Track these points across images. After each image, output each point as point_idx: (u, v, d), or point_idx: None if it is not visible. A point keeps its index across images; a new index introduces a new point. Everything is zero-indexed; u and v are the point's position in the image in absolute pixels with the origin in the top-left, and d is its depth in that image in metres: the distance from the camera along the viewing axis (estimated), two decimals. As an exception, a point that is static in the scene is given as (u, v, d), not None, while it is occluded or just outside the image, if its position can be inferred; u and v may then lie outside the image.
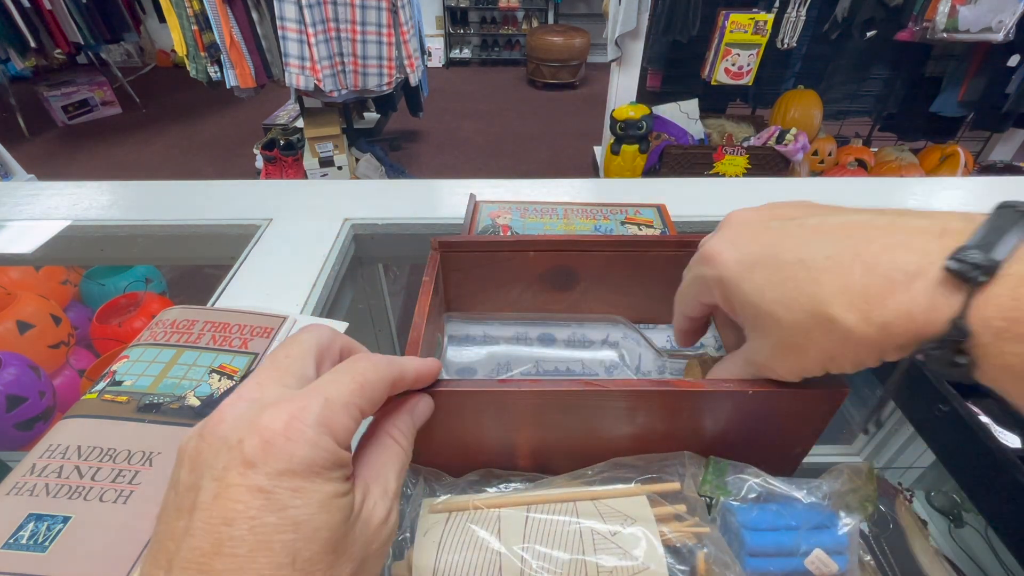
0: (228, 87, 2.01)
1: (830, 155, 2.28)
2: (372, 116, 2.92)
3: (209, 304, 0.48)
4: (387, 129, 3.04)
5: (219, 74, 1.98)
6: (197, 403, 0.35)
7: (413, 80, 2.16)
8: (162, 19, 2.19)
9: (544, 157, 2.95)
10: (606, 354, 0.38)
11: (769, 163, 2.16)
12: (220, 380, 0.37)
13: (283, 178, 2.34)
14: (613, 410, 0.28)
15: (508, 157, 2.96)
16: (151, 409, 0.34)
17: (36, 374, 0.97)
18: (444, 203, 0.65)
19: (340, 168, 2.40)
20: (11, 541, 0.27)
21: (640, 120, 2.06)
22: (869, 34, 1.94)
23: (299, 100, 2.33)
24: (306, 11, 1.80)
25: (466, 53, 4.40)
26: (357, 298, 0.68)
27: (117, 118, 3.31)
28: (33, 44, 2.62)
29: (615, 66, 2.23)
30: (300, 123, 2.52)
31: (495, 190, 0.66)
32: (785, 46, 2.03)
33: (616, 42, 2.09)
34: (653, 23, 2.06)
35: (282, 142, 2.38)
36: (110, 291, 1.25)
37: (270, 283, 0.52)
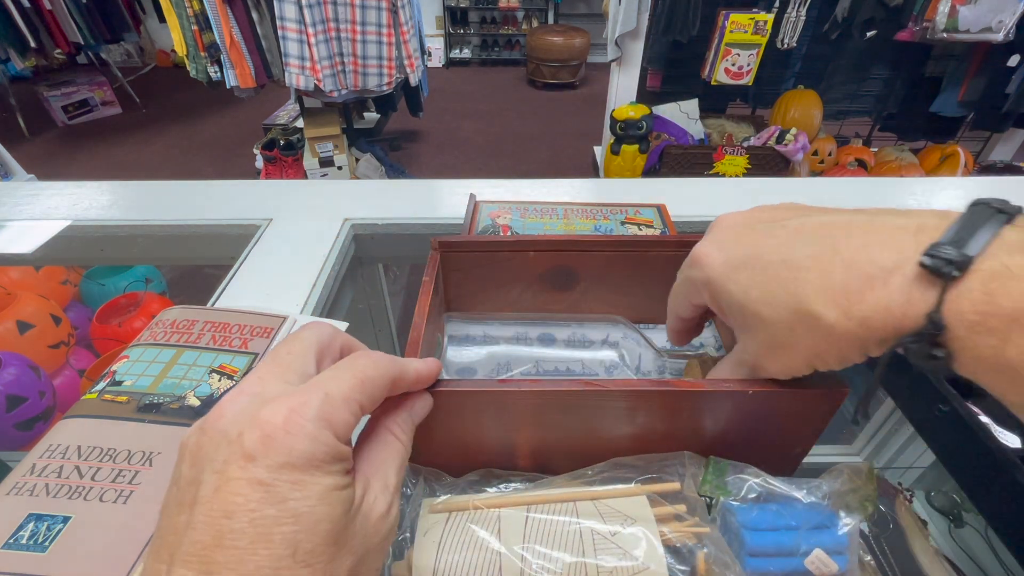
0: (228, 87, 2.01)
1: (830, 155, 2.28)
2: (372, 116, 2.92)
3: (209, 304, 0.48)
4: (387, 129, 3.05)
5: (219, 74, 1.98)
6: (197, 403, 0.35)
7: (413, 80, 2.16)
8: (162, 19, 2.20)
9: (544, 157, 2.95)
10: (606, 354, 0.38)
11: (769, 163, 2.16)
12: (220, 380, 0.37)
13: (283, 178, 2.34)
14: (613, 410, 0.28)
15: (508, 157, 2.96)
16: (151, 409, 0.34)
17: (36, 374, 0.97)
18: (444, 203, 0.65)
19: (340, 168, 2.41)
20: (11, 541, 0.27)
21: (640, 120, 2.06)
22: (869, 34, 1.94)
23: (299, 100, 2.33)
24: (306, 11, 1.80)
25: (466, 53, 4.40)
26: (357, 298, 0.68)
27: (117, 118, 3.31)
28: (33, 44, 2.62)
29: (615, 66, 2.23)
30: (300, 123, 2.52)
31: (495, 190, 0.66)
32: (785, 46, 2.03)
33: (616, 42, 2.09)
34: (653, 23, 2.06)
35: (282, 142, 2.38)
36: (110, 291, 1.25)
37: (270, 283, 0.52)
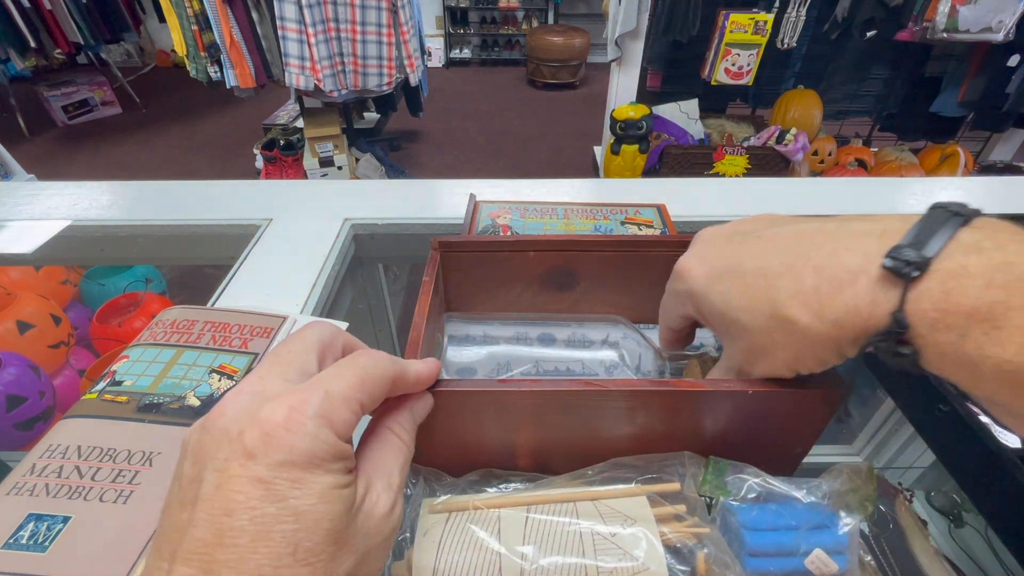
0: (228, 87, 2.01)
1: (830, 155, 2.28)
2: (372, 116, 2.92)
3: (209, 304, 0.48)
4: (387, 129, 3.04)
5: (219, 74, 1.98)
6: (197, 403, 0.35)
7: (413, 80, 2.16)
8: (162, 19, 2.20)
9: (544, 157, 2.94)
10: (606, 354, 0.38)
11: (769, 163, 2.16)
12: (220, 380, 0.37)
13: (283, 178, 2.34)
14: (613, 410, 0.28)
15: (508, 157, 2.96)
16: (151, 409, 0.34)
17: (36, 374, 0.97)
18: (444, 203, 0.65)
19: (340, 168, 2.40)
20: (11, 541, 0.27)
21: (640, 120, 2.06)
22: (869, 34, 1.94)
23: (299, 100, 2.33)
24: (306, 11, 1.80)
25: (466, 53, 4.40)
26: (357, 298, 0.68)
27: (117, 118, 3.31)
28: (33, 44, 2.62)
29: (615, 66, 2.23)
30: (300, 123, 2.52)
31: (495, 190, 0.66)
32: (785, 46, 2.03)
33: (616, 42, 2.09)
34: (653, 23, 2.06)
35: (282, 142, 2.38)
36: (110, 291, 1.25)
37: (270, 283, 0.52)
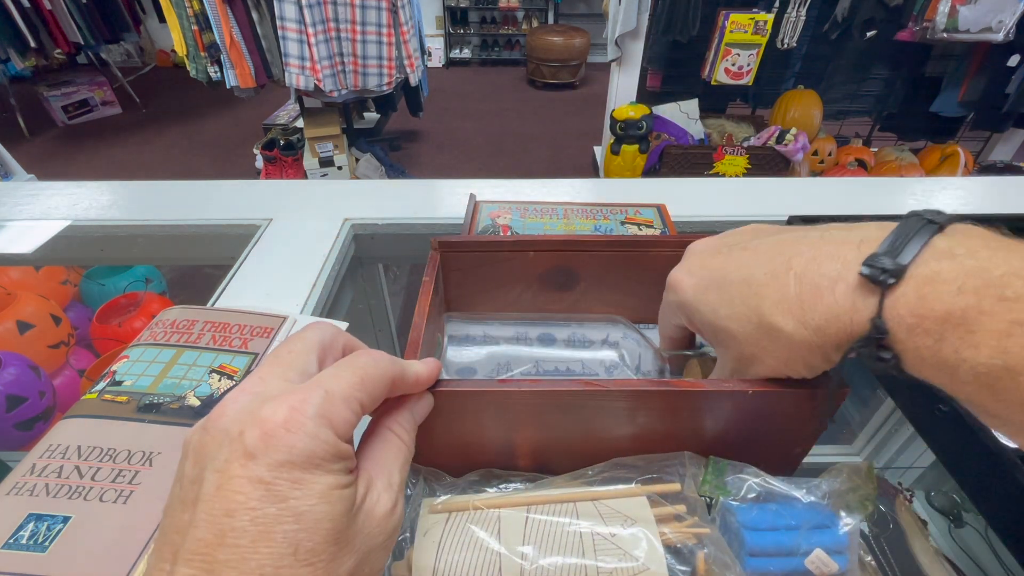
0: (228, 87, 2.01)
1: (830, 155, 2.28)
2: (372, 116, 2.92)
3: (209, 304, 0.48)
4: (387, 129, 3.04)
5: (219, 74, 1.98)
6: (197, 403, 0.35)
7: (413, 80, 2.16)
8: (162, 19, 2.20)
9: (544, 157, 2.94)
10: (606, 354, 0.38)
11: (769, 163, 2.16)
12: (220, 380, 0.37)
13: (283, 178, 2.34)
14: (613, 410, 0.28)
15: (508, 157, 2.96)
16: (151, 409, 0.34)
17: (36, 374, 0.97)
18: (444, 203, 0.65)
19: (340, 168, 2.40)
20: (11, 541, 0.27)
21: (640, 120, 2.06)
22: (869, 34, 1.94)
23: (299, 100, 2.33)
24: (306, 11, 1.80)
25: (466, 53, 4.40)
26: (357, 298, 0.68)
27: (117, 118, 3.31)
28: (33, 44, 2.62)
29: (615, 66, 2.23)
30: (300, 123, 2.52)
31: (495, 190, 0.66)
32: (785, 46, 2.03)
33: (616, 42, 2.09)
34: (653, 23, 2.06)
35: (282, 142, 2.38)
36: (110, 291, 1.25)
37: (270, 283, 0.52)
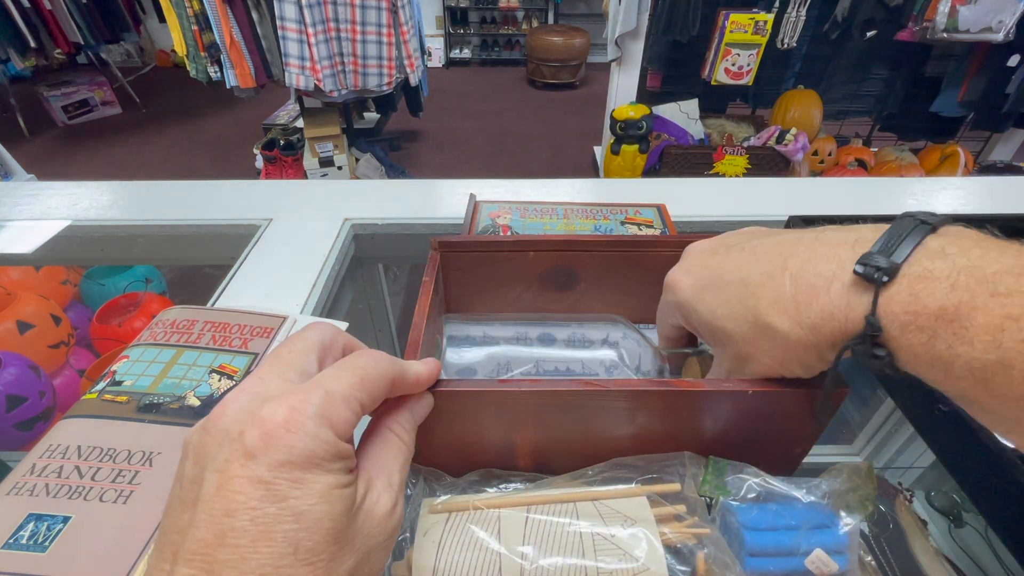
0: (228, 87, 2.01)
1: (830, 155, 2.28)
2: (372, 116, 2.92)
3: (209, 304, 0.48)
4: (387, 129, 3.04)
5: (219, 74, 1.98)
6: (197, 403, 0.35)
7: (413, 80, 2.16)
8: (162, 19, 2.20)
9: (544, 157, 2.94)
10: (606, 353, 0.38)
11: (769, 163, 2.16)
12: (220, 380, 0.37)
13: (283, 178, 2.34)
14: (613, 410, 0.28)
15: (508, 157, 2.96)
16: (151, 409, 0.34)
17: (36, 374, 0.97)
18: (444, 203, 0.65)
19: (340, 168, 2.40)
20: (11, 541, 0.27)
21: (640, 120, 2.06)
22: (869, 34, 1.94)
23: (299, 100, 2.33)
24: (306, 11, 1.80)
25: (466, 53, 4.40)
26: (357, 298, 0.68)
27: (117, 118, 3.31)
28: (33, 44, 2.62)
29: (615, 66, 2.23)
30: (300, 123, 2.52)
31: (495, 190, 0.66)
32: (785, 46, 2.03)
33: (616, 42, 2.09)
34: (653, 23, 2.06)
35: (282, 142, 2.38)
36: (110, 291, 1.25)
37: (270, 283, 0.52)
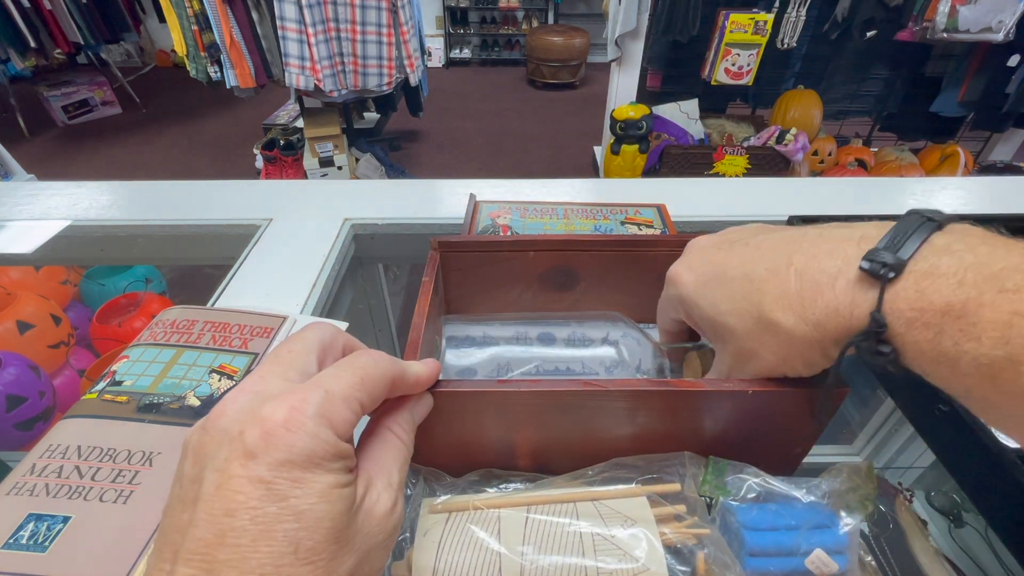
0: (228, 87, 2.01)
1: (830, 155, 2.28)
2: (372, 116, 2.92)
3: (209, 304, 0.48)
4: (387, 129, 3.04)
5: (219, 74, 1.98)
6: (197, 403, 0.35)
7: (413, 80, 2.16)
8: (162, 19, 2.20)
9: (544, 157, 2.94)
10: (606, 351, 0.37)
11: (769, 163, 2.16)
12: (220, 380, 0.37)
13: (283, 178, 2.34)
14: (613, 410, 0.28)
15: (508, 157, 2.96)
16: (151, 409, 0.34)
17: (36, 374, 0.97)
18: (444, 203, 0.65)
19: (340, 168, 2.40)
20: (11, 541, 0.27)
21: (640, 120, 2.06)
22: (869, 34, 1.94)
23: (299, 100, 2.33)
24: (306, 11, 1.80)
25: (466, 53, 4.40)
26: (357, 298, 0.68)
27: (117, 118, 3.31)
28: (33, 44, 2.61)
29: (615, 66, 2.23)
30: (300, 123, 2.52)
31: (495, 190, 0.66)
32: (785, 46, 2.03)
33: (616, 42, 2.09)
34: (653, 23, 2.06)
35: (282, 142, 2.38)
36: (110, 291, 1.25)
37: (270, 283, 0.52)
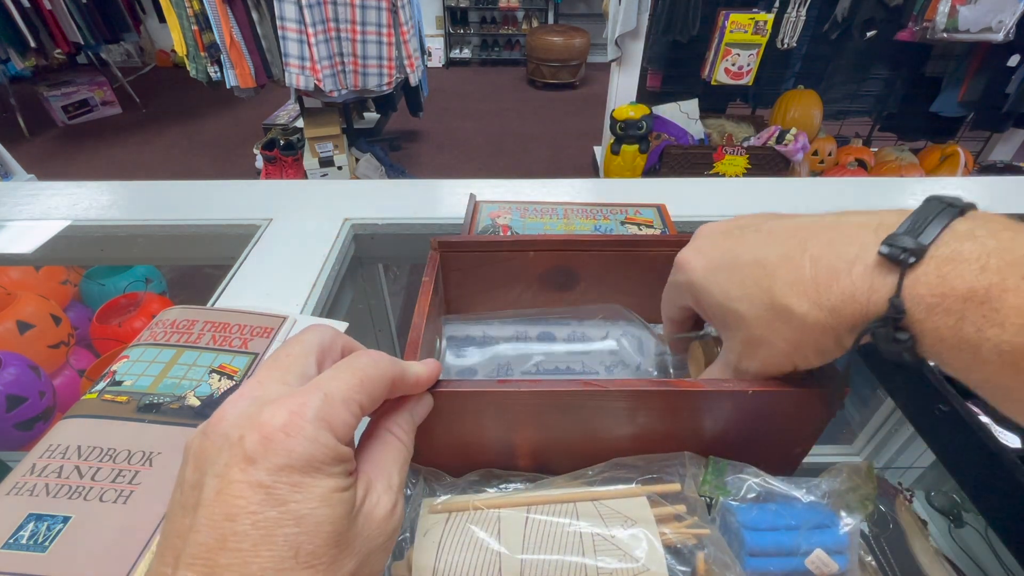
0: (228, 87, 2.01)
1: (830, 155, 2.28)
2: (372, 116, 2.92)
3: (209, 304, 0.48)
4: (387, 129, 3.04)
5: (219, 74, 1.98)
6: (197, 403, 0.35)
7: (413, 80, 2.16)
8: (162, 19, 2.20)
9: (544, 157, 2.94)
10: (607, 344, 0.37)
11: (769, 163, 2.16)
12: (220, 380, 0.37)
13: (283, 178, 2.34)
14: (613, 410, 0.28)
15: (508, 157, 2.96)
16: (151, 409, 0.34)
17: (36, 374, 0.97)
18: (444, 203, 0.65)
19: (340, 168, 2.40)
20: (11, 541, 0.27)
21: (640, 120, 2.06)
22: (869, 34, 1.94)
23: (299, 100, 2.33)
24: (306, 11, 1.80)
25: (466, 53, 4.40)
26: (357, 298, 0.68)
27: (117, 118, 3.31)
28: (33, 44, 2.61)
29: (615, 66, 2.23)
30: (300, 123, 2.52)
31: (495, 190, 0.66)
32: (785, 46, 2.03)
33: (616, 42, 2.09)
34: (653, 23, 2.06)
35: (282, 142, 2.38)
36: (110, 291, 1.25)
37: (270, 283, 0.52)
